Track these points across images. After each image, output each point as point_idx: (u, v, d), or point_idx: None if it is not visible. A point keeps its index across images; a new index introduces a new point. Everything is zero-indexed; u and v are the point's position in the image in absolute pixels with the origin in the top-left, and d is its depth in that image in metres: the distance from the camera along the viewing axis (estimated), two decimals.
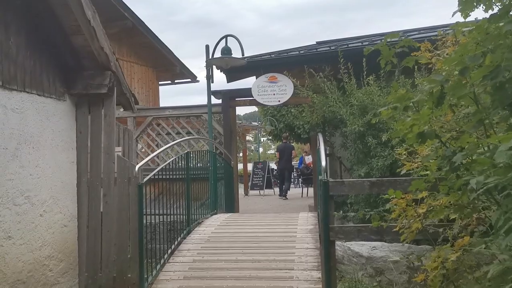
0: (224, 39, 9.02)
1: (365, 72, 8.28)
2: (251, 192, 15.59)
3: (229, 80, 10.02)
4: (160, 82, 17.05)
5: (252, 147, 46.64)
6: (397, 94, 3.27)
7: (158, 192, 6.64)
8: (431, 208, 3.70)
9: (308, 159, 15.33)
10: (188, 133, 10.10)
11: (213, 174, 8.41)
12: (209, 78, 9.38)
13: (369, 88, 8.26)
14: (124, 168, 5.03)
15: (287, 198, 14.05)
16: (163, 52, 15.78)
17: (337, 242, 4.91)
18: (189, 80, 17.18)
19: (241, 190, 16.98)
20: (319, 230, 5.86)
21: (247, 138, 53.69)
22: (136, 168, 4.72)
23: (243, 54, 8.87)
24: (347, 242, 5.47)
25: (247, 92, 9.66)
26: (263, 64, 9.60)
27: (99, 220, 5.05)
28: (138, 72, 15.89)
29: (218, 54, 9.04)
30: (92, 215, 5.06)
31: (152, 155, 5.40)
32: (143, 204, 4.76)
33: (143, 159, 10.48)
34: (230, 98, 9.77)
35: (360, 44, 9.08)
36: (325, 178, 4.58)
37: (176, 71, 16.50)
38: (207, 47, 9.37)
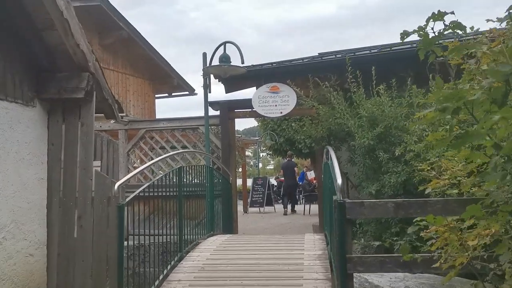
0: (223, 46, 8.28)
1: (375, 82, 7.53)
2: (250, 209, 14.74)
3: (228, 90, 9.26)
4: (156, 95, 16.30)
5: (251, 162, 45.75)
6: (443, 93, 2.47)
7: (149, 211, 5.87)
8: (481, 238, 2.90)
9: (310, 174, 14.51)
10: (184, 147, 9.29)
11: (210, 191, 7.60)
12: (207, 87, 8.61)
13: (379, 99, 7.50)
14: (104, 186, 4.21)
15: (293, 212, 13.20)
16: (159, 64, 15.06)
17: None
18: (187, 92, 16.43)
19: (240, 207, 16.13)
20: (329, 257, 5.04)
21: (246, 153, 52.94)
22: (116, 186, 3.88)
23: (243, 62, 8.12)
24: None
25: (247, 103, 8.89)
26: (265, 73, 8.85)
27: (72, 247, 4.22)
28: (134, 84, 15.15)
29: (216, 63, 8.30)
30: (65, 241, 4.23)
31: (134, 171, 4.56)
32: (124, 228, 3.94)
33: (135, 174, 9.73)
34: (229, 109, 9.00)
35: (368, 52, 8.34)
36: (341, 198, 3.78)
37: (174, 83, 15.76)
38: (204, 55, 8.62)
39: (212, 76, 9.05)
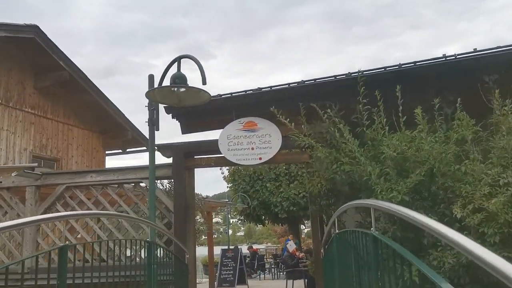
0: (177, 63, 5.47)
1: (401, 107, 4.85)
2: None
3: (185, 130, 6.38)
4: (107, 151, 13.21)
5: (221, 229, 41.86)
6: None
7: None
8: None
9: (291, 246, 11.39)
10: (120, 209, 6.22)
11: (151, 277, 4.58)
12: (153, 123, 5.69)
13: (409, 133, 4.82)
14: None
15: None
16: (111, 113, 12.11)
17: None
18: (144, 148, 13.39)
19: (206, 286, 12.71)
20: None
21: (216, 219, 49.04)
22: None
23: (204, 83, 5.27)
24: None
25: (211, 146, 5.99)
26: (236, 104, 6.05)
27: None
28: (79, 137, 12.08)
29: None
30: None
31: None
32: None
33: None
34: (186, 155, 6.06)
35: (382, 70, 5.69)
36: None
37: (127, 136, 12.75)
38: (151, 77, 5.79)
39: (164, 110, 6.23)
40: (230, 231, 39.62)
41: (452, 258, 3.98)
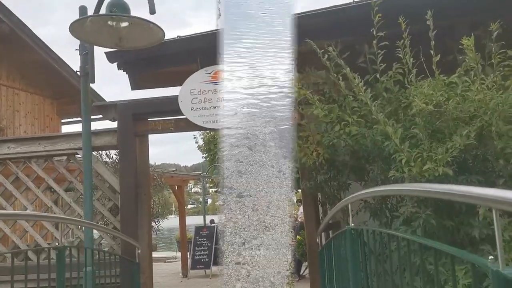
0: None
1: (433, 42, 3.35)
2: (192, 272, 9.91)
3: (135, 84, 4.72)
4: (63, 120, 11.41)
5: (200, 198, 40.34)
6: None
7: None
8: None
9: None
10: (49, 190, 4.61)
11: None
12: (86, 70, 4.04)
13: (444, 79, 3.37)
14: None
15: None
16: (64, 75, 10.25)
17: None
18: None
19: (177, 266, 11.27)
20: None
21: (195, 189, 47.07)
22: None
23: (152, 12, 3.63)
24: None
25: (170, 104, 4.37)
26: (202, 48, 4.41)
27: None
28: (27, 103, 10.23)
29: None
30: None
31: None
32: None
33: None
34: (136, 117, 4.43)
35: None
36: None
37: None
38: (82, 8, 4.07)
39: (106, 58, 4.56)
40: (210, 201, 38.10)
41: None
